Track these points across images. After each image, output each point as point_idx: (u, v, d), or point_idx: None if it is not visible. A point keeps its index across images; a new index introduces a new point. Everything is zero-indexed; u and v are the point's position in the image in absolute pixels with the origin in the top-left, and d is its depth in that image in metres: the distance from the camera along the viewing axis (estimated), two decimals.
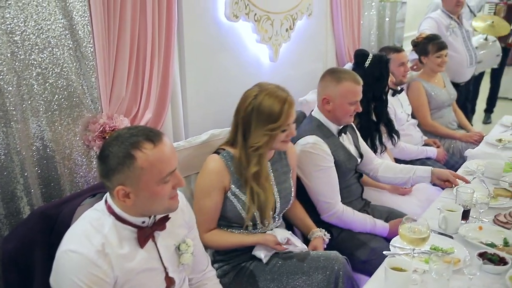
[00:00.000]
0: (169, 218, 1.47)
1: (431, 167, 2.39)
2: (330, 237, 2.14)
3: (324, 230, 2.14)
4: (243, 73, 2.77)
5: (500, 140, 3.02)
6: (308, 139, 2.18)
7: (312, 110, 2.34)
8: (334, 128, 2.27)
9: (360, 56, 2.71)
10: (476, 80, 5.48)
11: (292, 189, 2.09)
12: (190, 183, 2.15)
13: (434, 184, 2.89)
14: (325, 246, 2.09)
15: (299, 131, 2.21)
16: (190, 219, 1.64)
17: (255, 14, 2.73)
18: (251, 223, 1.93)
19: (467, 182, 2.28)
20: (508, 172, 2.44)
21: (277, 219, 2.04)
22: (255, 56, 2.86)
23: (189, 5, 2.38)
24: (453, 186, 2.28)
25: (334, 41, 3.75)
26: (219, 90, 2.64)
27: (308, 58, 3.36)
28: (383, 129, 2.81)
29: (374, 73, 2.64)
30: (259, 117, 1.83)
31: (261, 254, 1.92)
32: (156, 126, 2.19)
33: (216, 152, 1.94)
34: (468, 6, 5.14)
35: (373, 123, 2.70)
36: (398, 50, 3.28)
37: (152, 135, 1.34)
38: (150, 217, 1.43)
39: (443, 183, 2.33)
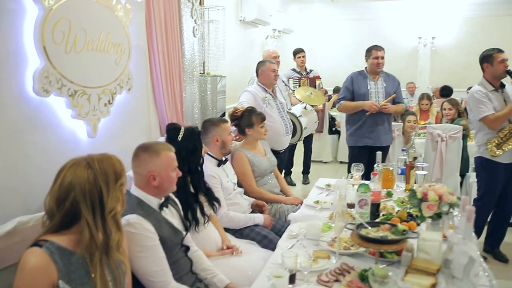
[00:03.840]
0: None
1: (228, 281, 2.35)
2: None
3: None
4: (58, 151, 2.54)
5: (317, 202, 3.25)
6: (128, 219, 2.05)
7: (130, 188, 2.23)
8: (155, 203, 2.20)
9: (172, 130, 2.74)
10: (306, 142, 6.61)
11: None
12: None
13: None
14: None
15: None
16: None
17: (69, 89, 2.57)
18: None
19: None
20: (326, 232, 2.61)
21: None
22: (72, 132, 2.67)
23: None
24: None
25: (157, 115, 3.74)
26: (29, 171, 2.37)
27: (131, 133, 3.27)
28: (203, 199, 2.82)
29: (187, 146, 2.69)
30: (108, 179, 1.69)
31: None
32: None
33: (37, 244, 1.60)
34: (283, 81, 5.68)
35: (192, 195, 2.70)
36: (227, 120, 3.46)
37: None
38: None
39: None
